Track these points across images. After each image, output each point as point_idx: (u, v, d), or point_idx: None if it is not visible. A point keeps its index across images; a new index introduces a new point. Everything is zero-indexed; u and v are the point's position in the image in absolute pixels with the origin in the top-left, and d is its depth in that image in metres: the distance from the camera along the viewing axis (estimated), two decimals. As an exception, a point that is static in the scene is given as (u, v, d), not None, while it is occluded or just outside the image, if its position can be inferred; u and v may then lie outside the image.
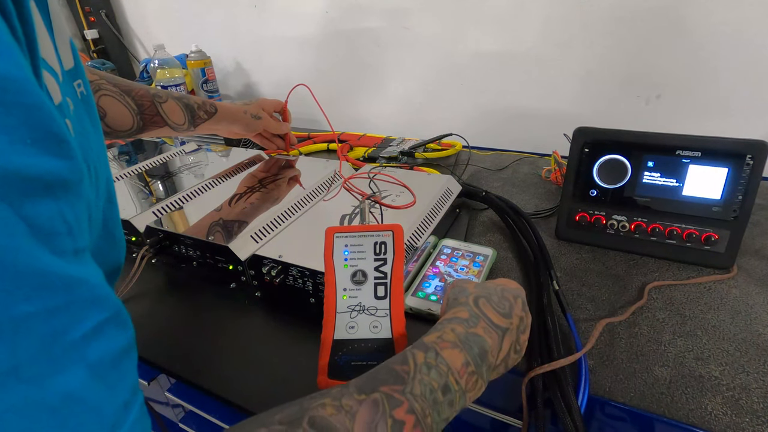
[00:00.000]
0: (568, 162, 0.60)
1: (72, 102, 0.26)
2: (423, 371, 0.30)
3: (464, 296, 0.37)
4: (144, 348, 0.47)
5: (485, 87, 1.02)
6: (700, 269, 0.55)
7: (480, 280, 0.51)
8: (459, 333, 0.33)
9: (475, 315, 0.35)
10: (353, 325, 0.39)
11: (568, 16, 0.87)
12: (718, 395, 0.38)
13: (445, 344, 0.32)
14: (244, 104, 0.75)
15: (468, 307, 0.36)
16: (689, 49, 0.80)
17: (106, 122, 0.59)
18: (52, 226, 0.18)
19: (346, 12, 1.10)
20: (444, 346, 0.32)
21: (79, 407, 0.19)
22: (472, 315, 0.35)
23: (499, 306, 0.37)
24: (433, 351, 0.31)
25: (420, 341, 0.33)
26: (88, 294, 0.20)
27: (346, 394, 0.28)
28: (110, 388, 0.20)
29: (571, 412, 0.37)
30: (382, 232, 0.41)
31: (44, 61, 0.22)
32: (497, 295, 0.37)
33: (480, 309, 0.36)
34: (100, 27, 1.42)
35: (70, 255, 0.19)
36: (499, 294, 0.38)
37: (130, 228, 0.61)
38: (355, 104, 1.20)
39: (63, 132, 0.19)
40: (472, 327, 0.34)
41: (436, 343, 0.32)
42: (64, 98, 0.24)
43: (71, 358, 0.19)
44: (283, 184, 0.69)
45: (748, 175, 0.51)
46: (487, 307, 0.36)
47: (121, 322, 0.22)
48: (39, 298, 0.17)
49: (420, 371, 0.30)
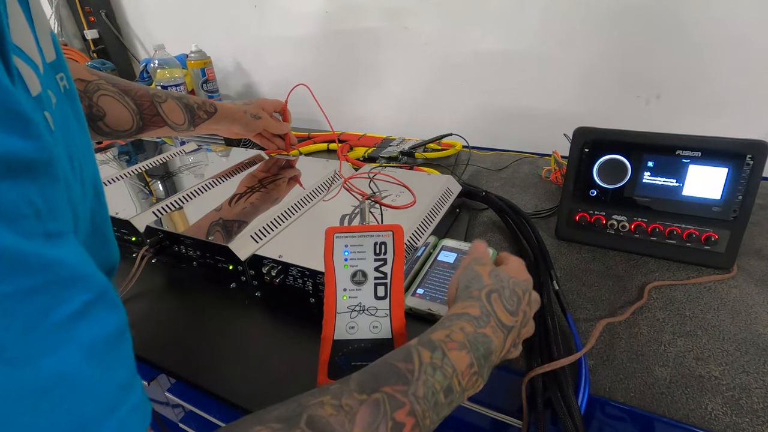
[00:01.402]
0: (568, 162, 0.60)
1: (54, 95, 0.26)
2: (428, 372, 0.29)
3: (477, 287, 0.36)
4: (144, 348, 0.47)
5: (485, 87, 1.02)
6: (700, 269, 0.55)
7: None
8: (468, 333, 0.32)
9: (486, 313, 0.34)
10: (353, 326, 0.39)
11: (568, 16, 0.87)
12: (718, 395, 0.38)
13: (453, 344, 0.31)
14: (244, 104, 0.75)
15: (480, 303, 0.35)
16: (689, 49, 0.80)
17: (105, 122, 0.59)
18: (14, 208, 0.18)
19: (346, 12, 1.10)
20: (452, 346, 0.31)
21: (73, 389, 0.19)
22: (484, 313, 0.34)
23: (509, 302, 0.36)
24: (440, 351, 0.31)
25: (427, 338, 0.32)
26: (68, 273, 0.20)
27: (346, 392, 0.27)
28: (106, 370, 0.20)
29: (571, 412, 0.37)
30: (382, 233, 0.41)
31: (19, 49, 0.21)
32: (509, 289, 0.36)
33: (492, 305, 0.35)
34: (100, 27, 1.42)
35: (40, 237, 0.19)
36: (511, 288, 0.37)
37: (130, 228, 0.61)
38: (355, 104, 1.20)
39: (25, 111, 0.18)
40: (481, 327, 0.33)
41: (444, 342, 0.31)
42: (45, 90, 0.24)
43: (60, 338, 0.19)
44: (283, 184, 0.69)
45: (748, 175, 0.50)
46: (497, 304, 0.35)
47: (110, 303, 0.22)
48: (11, 278, 0.17)
49: (425, 372, 0.29)
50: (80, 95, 0.56)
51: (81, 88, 0.56)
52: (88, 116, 0.57)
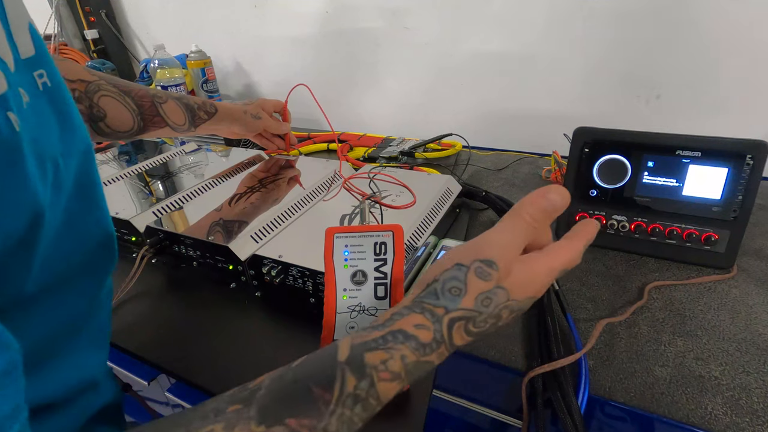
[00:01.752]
0: (568, 162, 0.60)
1: (28, 93, 0.25)
2: (347, 404, 0.25)
3: (448, 305, 0.28)
4: (144, 348, 0.47)
5: (485, 87, 1.02)
6: (700, 269, 0.55)
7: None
8: (408, 363, 0.27)
9: (438, 340, 0.28)
10: (353, 326, 0.39)
11: (569, 16, 0.87)
12: (718, 395, 0.38)
13: (386, 375, 0.26)
14: (245, 104, 0.75)
15: (437, 328, 0.28)
16: (689, 49, 0.80)
17: (106, 123, 0.59)
18: None
19: (346, 12, 1.10)
20: (384, 376, 0.26)
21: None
22: (436, 340, 0.27)
23: (479, 325, 0.28)
24: (369, 380, 0.25)
25: (360, 356, 0.26)
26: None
27: (243, 420, 0.23)
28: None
29: (571, 412, 0.37)
30: (382, 233, 0.41)
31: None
32: (490, 315, 0.28)
33: (450, 335, 0.28)
34: (100, 27, 1.42)
35: None
36: (495, 314, 0.28)
37: (130, 228, 0.61)
38: (355, 104, 1.20)
39: None
40: (427, 354, 0.27)
41: (376, 369, 0.26)
42: (14, 89, 0.23)
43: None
44: (283, 184, 0.69)
45: (748, 175, 0.50)
46: (458, 334, 0.28)
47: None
48: None
49: (343, 404, 0.24)
50: (81, 96, 0.56)
51: (81, 89, 0.56)
52: (89, 117, 0.57)
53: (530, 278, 0.29)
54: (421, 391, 0.39)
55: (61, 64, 0.56)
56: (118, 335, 0.48)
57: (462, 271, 0.29)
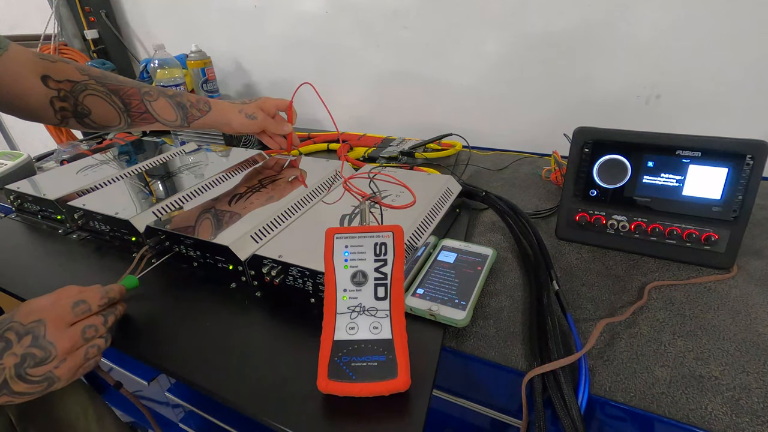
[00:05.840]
0: (568, 162, 0.60)
1: None
2: None
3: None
4: (144, 348, 0.47)
5: (485, 87, 1.02)
6: (700, 269, 0.55)
7: (477, 285, 0.50)
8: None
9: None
10: (353, 326, 0.39)
11: (569, 16, 0.87)
12: (718, 395, 0.38)
13: None
14: (242, 103, 0.75)
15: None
16: (689, 49, 0.80)
17: (92, 119, 0.63)
18: None
19: (345, 12, 1.10)
20: None
21: None
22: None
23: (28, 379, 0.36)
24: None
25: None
26: None
27: None
28: None
29: (571, 412, 0.37)
30: (382, 233, 0.41)
31: None
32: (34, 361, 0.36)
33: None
34: (100, 27, 1.42)
35: None
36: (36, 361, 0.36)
37: (130, 228, 0.61)
38: (355, 104, 1.20)
39: None
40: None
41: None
42: None
43: None
44: (283, 184, 0.69)
45: (748, 175, 0.51)
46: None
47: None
48: None
49: None
50: (66, 95, 0.60)
51: (67, 89, 0.60)
52: (75, 113, 0.61)
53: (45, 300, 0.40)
54: (421, 391, 0.39)
55: (52, 66, 0.59)
56: (118, 335, 0.48)
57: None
